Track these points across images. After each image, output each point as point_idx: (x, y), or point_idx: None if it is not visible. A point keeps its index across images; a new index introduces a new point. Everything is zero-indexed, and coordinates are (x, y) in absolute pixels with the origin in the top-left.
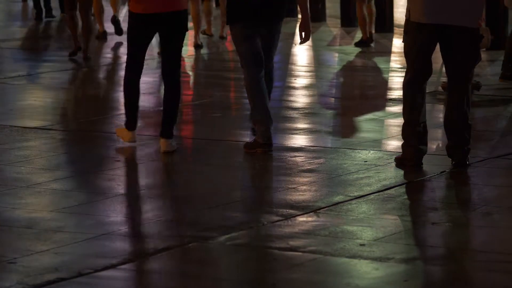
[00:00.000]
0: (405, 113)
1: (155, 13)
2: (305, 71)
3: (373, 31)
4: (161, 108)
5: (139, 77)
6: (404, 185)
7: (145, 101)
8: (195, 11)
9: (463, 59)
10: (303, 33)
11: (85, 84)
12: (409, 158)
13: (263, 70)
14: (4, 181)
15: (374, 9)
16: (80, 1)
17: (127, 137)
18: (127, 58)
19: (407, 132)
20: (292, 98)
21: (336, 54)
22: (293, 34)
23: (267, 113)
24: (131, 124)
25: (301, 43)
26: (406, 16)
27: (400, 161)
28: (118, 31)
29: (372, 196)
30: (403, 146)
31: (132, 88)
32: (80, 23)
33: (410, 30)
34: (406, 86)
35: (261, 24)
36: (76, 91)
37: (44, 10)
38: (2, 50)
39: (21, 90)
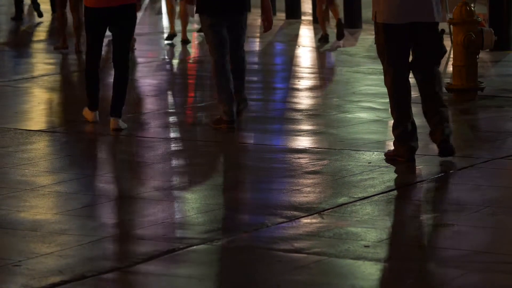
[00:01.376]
0: (394, 112)
1: (105, 7)
2: (309, 73)
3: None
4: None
5: (98, 65)
6: (408, 187)
7: (150, 103)
8: (183, 10)
9: (430, 53)
10: (265, 22)
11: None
12: (402, 155)
13: (228, 56)
14: (9, 184)
15: (338, 8)
16: (71, 1)
17: (90, 117)
18: (86, 48)
19: (398, 130)
20: (296, 100)
21: (340, 56)
22: (297, 36)
23: (230, 94)
24: (92, 106)
25: (264, 32)
26: (372, 18)
27: (392, 158)
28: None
29: (376, 197)
30: (395, 143)
31: (91, 74)
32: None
33: (380, 32)
34: (391, 85)
35: (224, 15)
36: (78, 93)
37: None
38: (4, 53)
39: (25, 92)
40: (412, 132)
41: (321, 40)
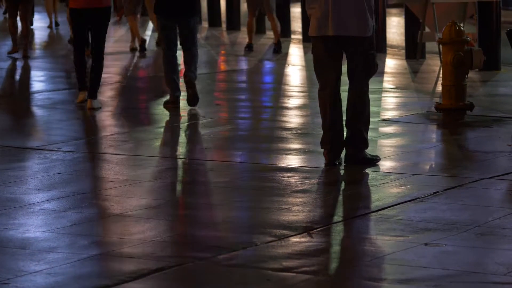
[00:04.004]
0: (325, 123)
1: (84, 8)
2: (298, 91)
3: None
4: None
5: (84, 53)
6: (397, 206)
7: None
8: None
9: (356, 66)
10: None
11: (77, 104)
12: (325, 158)
13: (175, 50)
14: None
15: (277, 23)
16: (21, 10)
17: (80, 98)
18: (74, 42)
19: (326, 139)
20: (285, 119)
21: None
22: (286, 54)
23: (175, 83)
24: (82, 87)
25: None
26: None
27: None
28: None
29: (365, 216)
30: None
31: (79, 61)
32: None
33: (312, 44)
34: (322, 97)
35: (174, 18)
36: (68, 111)
37: None
38: None
39: (14, 109)
40: (336, 140)
41: (247, 48)
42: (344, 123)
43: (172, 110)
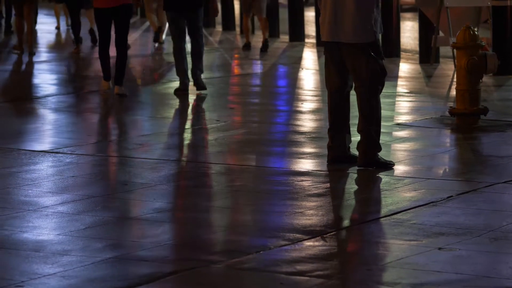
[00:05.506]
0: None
1: (107, 7)
2: (312, 95)
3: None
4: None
5: (108, 47)
6: (411, 210)
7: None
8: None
9: (359, 72)
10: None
11: (90, 107)
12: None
13: (185, 42)
14: (12, 204)
15: (266, 22)
16: (25, 10)
17: (105, 85)
18: (99, 37)
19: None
20: (299, 123)
21: None
22: (300, 58)
23: (184, 72)
24: (106, 76)
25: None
26: None
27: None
28: (94, 41)
29: (379, 220)
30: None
31: (103, 54)
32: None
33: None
34: (328, 100)
35: (180, 12)
36: (83, 114)
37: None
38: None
39: (29, 113)
40: (336, 141)
41: (244, 48)
42: (355, 127)
43: (181, 97)
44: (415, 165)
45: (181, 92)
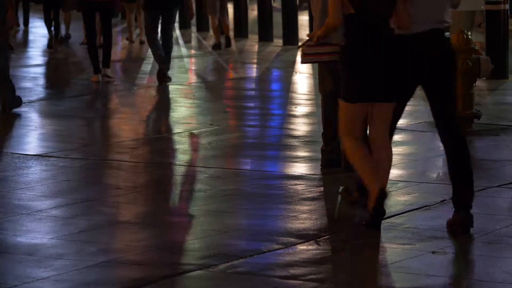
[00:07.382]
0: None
1: (92, 0)
2: (306, 99)
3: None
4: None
5: (95, 39)
6: (404, 214)
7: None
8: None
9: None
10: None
11: (85, 111)
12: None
13: (158, 35)
14: (5, 208)
15: (227, 22)
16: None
17: (95, 78)
18: (85, 30)
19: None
20: (292, 126)
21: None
22: (294, 62)
23: (161, 59)
24: (96, 70)
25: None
26: None
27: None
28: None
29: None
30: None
31: (91, 47)
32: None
33: None
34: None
35: (158, 11)
36: (76, 118)
37: None
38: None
39: (22, 117)
40: (332, 146)
41: (215, 47)
42: None
43: (162, 80)
44: (409, 169)
45: (164, 79)
